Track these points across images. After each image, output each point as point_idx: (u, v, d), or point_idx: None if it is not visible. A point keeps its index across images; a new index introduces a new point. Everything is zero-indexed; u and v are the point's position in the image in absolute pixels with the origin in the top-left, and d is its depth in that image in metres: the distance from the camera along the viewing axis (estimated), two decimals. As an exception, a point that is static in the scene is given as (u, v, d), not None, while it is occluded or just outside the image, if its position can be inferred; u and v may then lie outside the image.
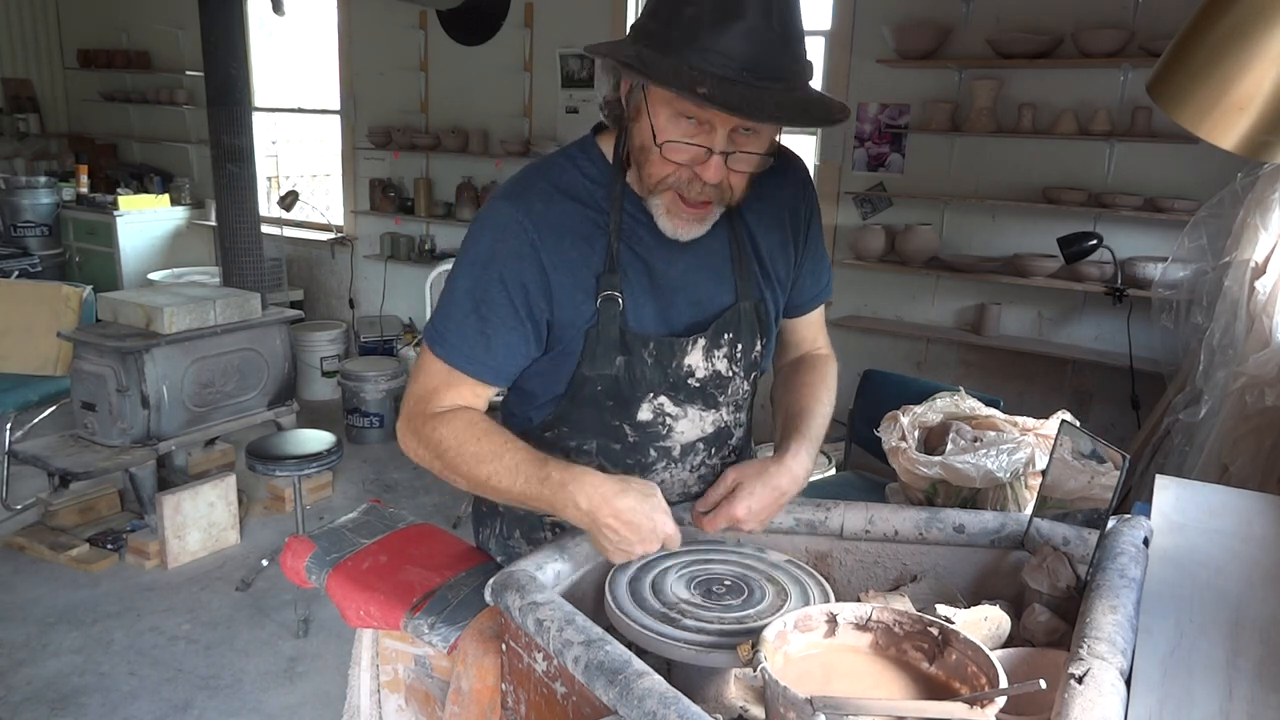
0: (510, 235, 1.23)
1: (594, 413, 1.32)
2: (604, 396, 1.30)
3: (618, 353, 1.26)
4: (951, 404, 1.65)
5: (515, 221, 1.23)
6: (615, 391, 1.29)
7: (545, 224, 1.23)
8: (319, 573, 1.50)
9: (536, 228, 1.22)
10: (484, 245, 1.24)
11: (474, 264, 1.24)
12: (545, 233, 1.23)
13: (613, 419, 1.32)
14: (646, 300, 1.28)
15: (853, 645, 1.03)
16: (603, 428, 1.33)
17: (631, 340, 1.26)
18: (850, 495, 2.87)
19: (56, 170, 7.01)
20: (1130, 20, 3.52)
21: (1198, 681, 0.98)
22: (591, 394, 1.30)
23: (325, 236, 6.07)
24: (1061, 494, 1.25)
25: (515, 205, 1.24)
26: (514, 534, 1.46)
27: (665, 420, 1.33)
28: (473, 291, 1.24)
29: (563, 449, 1.34)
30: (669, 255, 1.28)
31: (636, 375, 1.28)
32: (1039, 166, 3.84)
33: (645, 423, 1.33)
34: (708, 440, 1.39)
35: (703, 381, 1.33)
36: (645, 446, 1.34)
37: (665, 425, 1.34)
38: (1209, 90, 1.03)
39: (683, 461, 1.37)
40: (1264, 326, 2.70)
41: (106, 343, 3.40)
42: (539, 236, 1.22)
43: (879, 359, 4.19)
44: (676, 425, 1.34)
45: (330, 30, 5.88)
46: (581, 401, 1.31)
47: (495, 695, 1.23)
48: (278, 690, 2.77)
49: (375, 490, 4.26)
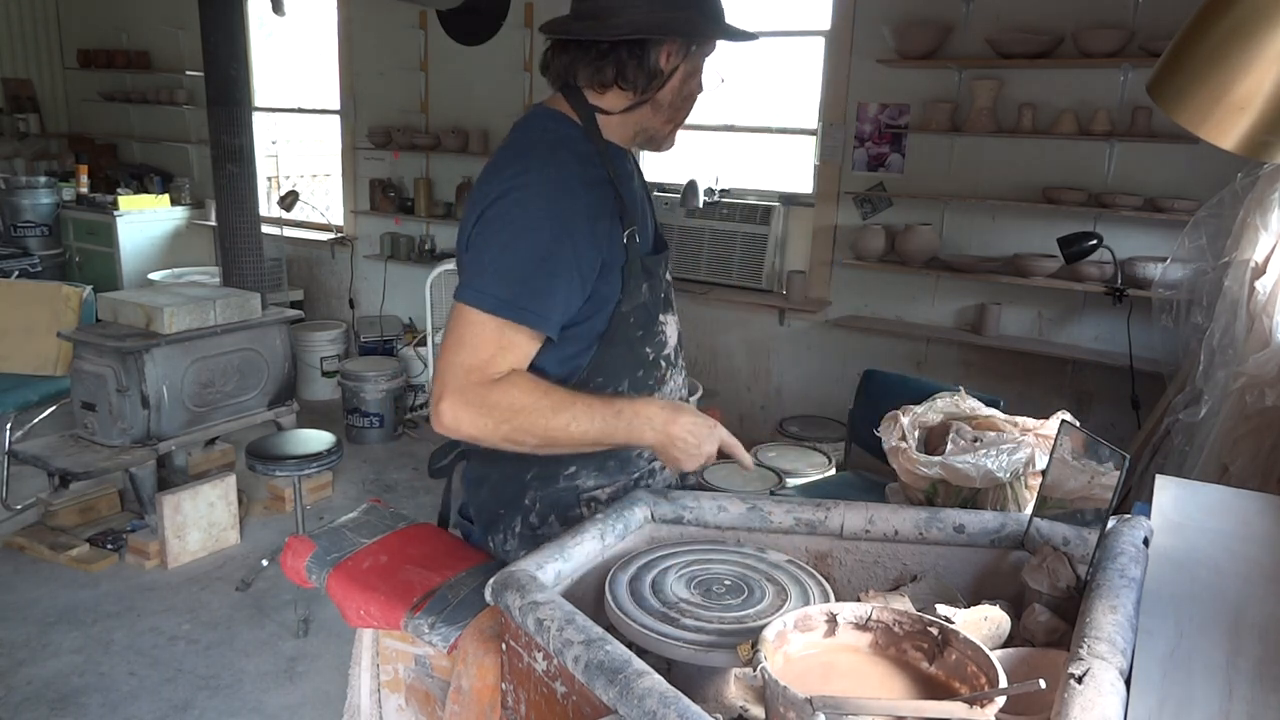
0: (563, 196, 1.34)
1: (625, 348, 1.46)
2: (635, 327, 1.46)
3: (643, 279, 1.45)
4: (951, 404, 1.65)
5: (563, 182, 1.35)
6: (644, 319, 1.47)
7: (582, 183, 1.37)
8: (319, 572, 1.50)
9: (580, 186, 1.36)
10: (544, 203, 1.33)
11: (538, 223, 1.32)
12: (583, 191, 1.37)
13: (641, 346, 1.48)
14: (644, 229, 1.49)
15: (853, 645, 1.03)
16: (634, 359, 1.48)
17: (651, 265, 1.47)
18: (850, 495, 2.87)
19: (56, 170, 7.01)
20: (1130, 20, 3.52)
21: (1198, 681, 0.98)
22: (626, 328, 1.45)
23: (325, 236, 6.07)
24: (1061, 494, 1.25)
25: (557, 170, 1.36)
26: (548, 519, 1.49)
27: (663, 331, 1.53)
28: (538, 249, 1.32)
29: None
30: (635, 189, 1.51)
31: (656, 295, 1.49)
32: (1039, 166, 3.84)
33: (656, 335, 1.51)
34: (680, 345, 1.61)
35: (665, 292, 1.56)
36: (658, 360, 1.52)
37: (664, 335, 1.53)
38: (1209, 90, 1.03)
39: (675, 365, 1.57)
40: (1264, 326, 2.70)
41: (106, 343, 3.40)
42: (584, 194, 1.36)
43: (879, 359, 4.19)
44: (667, 332, 1.55)
45: (330, 30, 5.88)
46: (618, 339, 1.45)
47: (495, 695, 1.23)
48: (278, 690, 2.77)
49: (375, 490, 4.26)
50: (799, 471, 3.61)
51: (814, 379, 4.52)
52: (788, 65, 4.58)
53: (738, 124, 4.73)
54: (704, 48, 1.46)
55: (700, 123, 4.86)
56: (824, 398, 4.45)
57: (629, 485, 1.52)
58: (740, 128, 4.73)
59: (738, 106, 4.75)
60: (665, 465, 1.47)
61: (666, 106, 1.46)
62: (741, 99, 4.76)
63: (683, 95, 1.47)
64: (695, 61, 1.45)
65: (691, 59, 1.44)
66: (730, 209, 4.56)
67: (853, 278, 4.31)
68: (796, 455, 3.80)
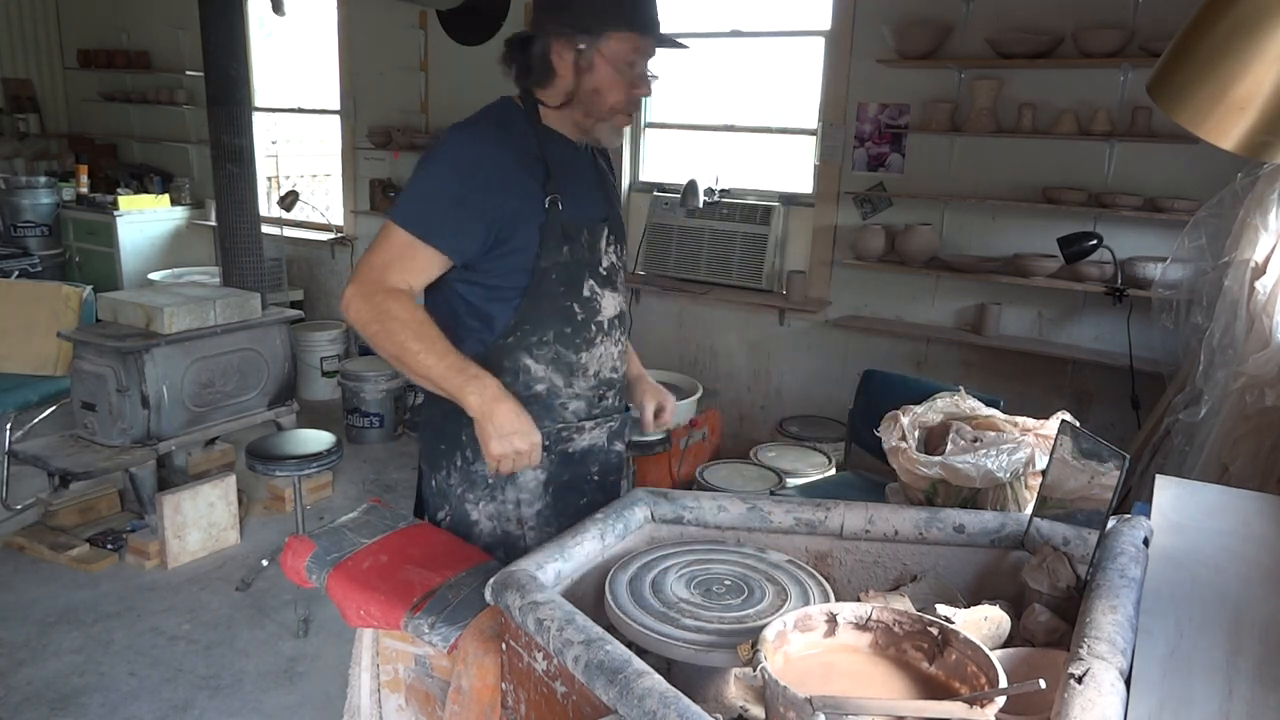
0: (482, 152, 1.58)
1: (549, 302, 1.64)
2: (557, 284, 1.64)
3: (563, 242, 1.62)
4: (951, 404, 1.65)
5: (483, 144, 1.59)
6: (565, 276, 1.64)
7: (505, 146, 1.60)
8: (319, 572, 1.50)
9: (505, 147, 1.60)
10: (458, 157, 1.58)
11: (458, 164, 1.57)
12: (509, 151, 1.60)
13: (564, 300, 1.66)
14: (574, 202, 1.65)
15: (853, 645, 1.03)
16: (558, 312, 1.65)
17: (572, 230, 1.64)
18: (850, 495, 2.87)
19: (56, 170, 7.00)
20: (1130, 20, 3.52)
21: (1198, 681, 0.98)
22: (549, 284, 1.63)
23: (325, 236, 6.07)
24: (1061, 494, 1.25)
25: (478, 134, 1.60)
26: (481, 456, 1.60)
27: (596, 299, 1.70)
28: (445, 186, 1.57)
29: (525, 349, 1.65)
30: (580, 168, 1.69)
31: (578, 258, 1.65)
32: (1039, 166, 3.84)
33: (587, 299, 1.68)
34: (619, 319, 1.76)
35: (608, 270, 1.72)
36: (588, 322, 1.69)
37: (597, 303, 1.70)
38: (1209, 90, 1.03)
39: (610, 335, 1.74)
40: (1264, 326, 2.70)
41: (106, 343, 3.40)
42: (507, 154, 1.59)
43: (879, 359, 4.19)
44: (602, 303, 1.71)
45: (330, 30, 5.88)
46: (540, 293, 1.63)
47: (495, 694, 1.23)
48: (278, 690, 2.77)
49: (375, 490, 4.26)
50: (799, 471, 3.61)
51: (814, 379, 4.52)
52: (788, 65, 4.58)
53: (738, 124, 4.73)
54: (603, 44, 1.55)
55: (700, 123, 4.86)
56: (824, 398, 4.45)
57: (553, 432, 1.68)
58: (740, 128, 4.73)
59: (738, 106, 4.75)
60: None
61: (585, 100, 1.60)
62: (741, 99, 4.76)
63: (590, 89, 1.58)
64: (591, 58, 1.55)
65: (587, 55, 1.55)
66: (730, 209, 4.56)
67: (853, 278, 4.31)
68: (796, 455, 3.80)
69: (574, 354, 1.68)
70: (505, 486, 1.71)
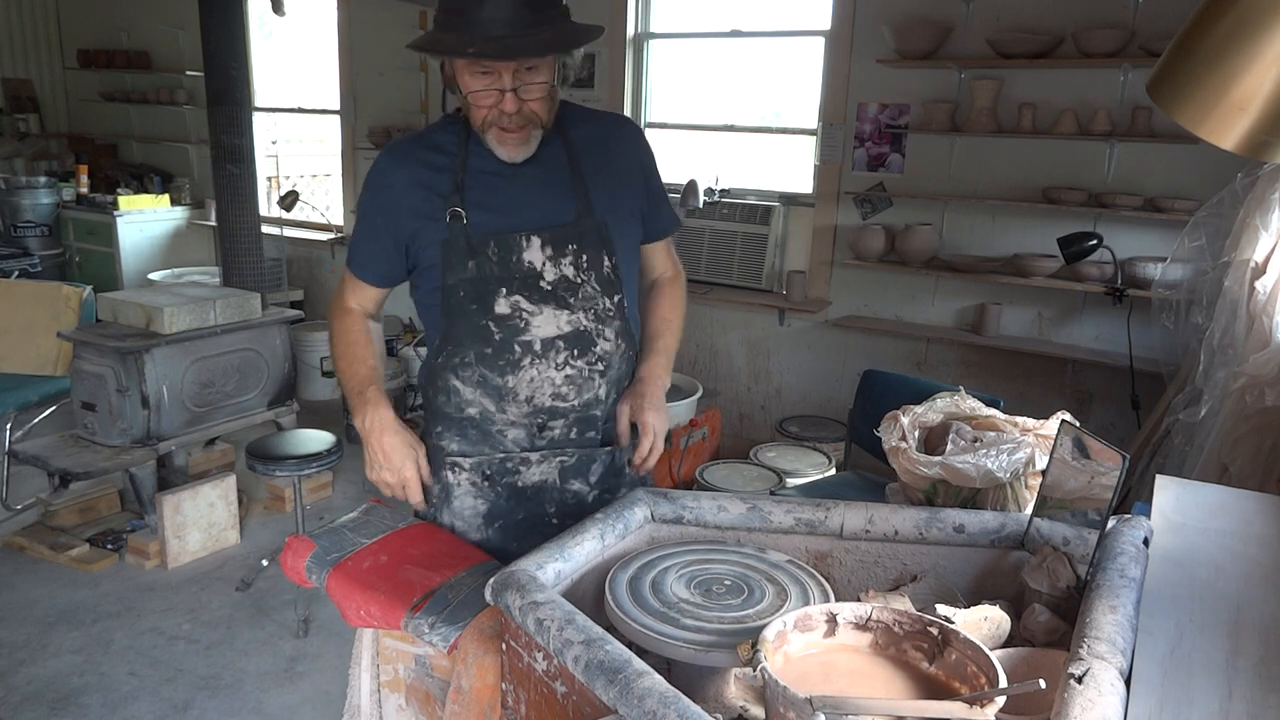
0: (385, 174, 1.65)
1: (464, 320, 1.59)
2: (468, 301, 1.58)
3: (467, 257, 1.57)
4: (951, 404, 1.65)
5: (389, 166, 1.65)
6: (475, 293, 1.58)
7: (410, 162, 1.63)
8: (319, 572, 1.50)
9: (402, 168, 1.64)
10: (371, 182, 1.66)
11: (369, 187, 1.67)
12: (410, 168, 1.63)
13: (479, 319, 1.58)
14: (488, 214, 1.59)
15: (853, 645, 1.03)
16: (473, 331, 1.59)
17: (477, 243, 1.57)
18: (850, 495, 2.88)
19: (56, 170, 7.00)
20: (1130, 20, 3.52)
21: (1198, 681, 0.98)
22: (458, 301, 1.58)
23: (325, 236, 6.06)
24: (1061, 494, 1.25)
25: (389, 155, 1.67)
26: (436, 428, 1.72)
27: (523, 316, 1.59)
28: (362, 215, 1.69)
29: (452, 370, 1.63)
30: (511, 178, 1.61)
31: (486, 273, 1.57)
32: (1039, 166, 3.84)
33: (504, 316, 1.58)
34: (567, 340, 1.61)
35: (553, 284, 1.60)
36: (510, 343, 1.59)
37: (523, 320, 1.59)
38: (1209, 90, 1.03)
39: (545, 358, 1.60)
40: (1264, 326, 2.70)
41: (106, 343, 3.40)
42: (405, 171, 1.63)
43: (879, 359, 4.19)
44: (534, 320, 1.59)
45: (330, 30, 5.88)
46: (454, 311, 1.59)
47: (495, 694, 1.23)
48: (278, 690, 2.77)
49: (375, 490, 4.25)
50: (799, 471, 3.61)
51: (814, 379, 4.52)
52: (788, 65, 4.58)
53: (738, 124, 4.73)
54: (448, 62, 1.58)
55: (700, 123, 4.86)
56: (824, 398, 4.45)
57: (494, 461, 1.66)
58: (740, 128, 4.73)
59: (738, 106, 4.75)
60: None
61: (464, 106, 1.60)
62: (742, 99, 4.76)
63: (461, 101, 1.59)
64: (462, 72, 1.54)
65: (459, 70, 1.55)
66: (730, 209, 4.56)
67: (853, 278, 4.31)
68: (796, 455, 3.80)
69: (499, 377, 1.59)
70: (442, 509, 1.69)
